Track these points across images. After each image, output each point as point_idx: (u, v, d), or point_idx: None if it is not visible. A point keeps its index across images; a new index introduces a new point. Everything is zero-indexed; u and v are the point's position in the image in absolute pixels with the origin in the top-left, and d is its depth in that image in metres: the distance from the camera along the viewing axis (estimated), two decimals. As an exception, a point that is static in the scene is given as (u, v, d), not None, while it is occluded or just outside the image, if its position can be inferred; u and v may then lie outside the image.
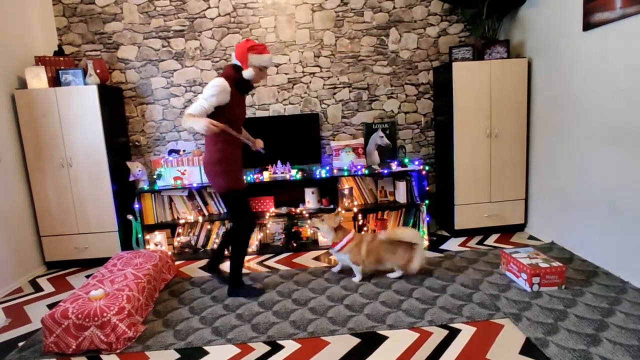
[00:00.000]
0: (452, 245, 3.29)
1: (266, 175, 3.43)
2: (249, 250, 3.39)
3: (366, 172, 3.39)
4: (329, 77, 3.70)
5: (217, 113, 2.32)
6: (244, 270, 3.01)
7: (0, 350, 2.13)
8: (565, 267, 2.42)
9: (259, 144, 2.66)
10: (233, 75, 2.37)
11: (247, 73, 2.35)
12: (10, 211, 2.97)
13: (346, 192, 3.47)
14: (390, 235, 2.66)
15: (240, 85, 2.40)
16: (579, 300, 2.24)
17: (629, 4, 2.28)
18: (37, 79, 3.08)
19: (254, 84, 2.47)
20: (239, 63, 2.36)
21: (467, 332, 2.03)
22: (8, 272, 2.91)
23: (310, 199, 3.49)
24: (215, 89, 2.26)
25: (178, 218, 3.48)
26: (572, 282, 2.46)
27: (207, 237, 3.51)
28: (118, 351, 2.03)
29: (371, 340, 2.01)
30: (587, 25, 2.61)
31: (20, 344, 2.17)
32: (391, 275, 2.72)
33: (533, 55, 3.24)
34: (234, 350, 2.00)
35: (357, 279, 2.69)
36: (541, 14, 3.09)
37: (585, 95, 2.69)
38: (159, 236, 3.40)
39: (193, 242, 3.49)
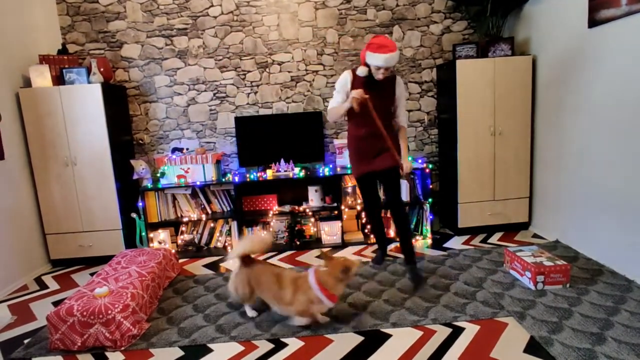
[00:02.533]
0: (456, 243, 3.28)
1: (269, 174, 3.43)
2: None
3: (369, 170, 3.39)
4: (332, 75, 3.70)
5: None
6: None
7: (6, 347, 2.14)
8: (570, 266, 2.41)
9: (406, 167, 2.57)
10: (359, 68, 2.47)
11: (360, 70, 2.44)
12: (15, 209, 2.99)
13: (349, 190, 3.47)
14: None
15: (368, 80, 2.44)
16: (584, 299, 2.23)
17: (634, 0, 2.26)
18: (42, 77, 3.09)
19: (379, 80, 2.43)
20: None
21: (470, 331, 2.02)
22: (13, 269, 2.93)
23: (314, 197, 3.49)
24: (338, 81, 2.54)
25: (181, 216, 3.49)
26: (577, 280, 2.45)
27: (211, 235, 3.52)
28: (123, 348, 2.04)
29: (375, 339, 2.01)
30: (593, 22, 2.59)
31: (26, 341, 2.19)
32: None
33: (537, 52, 3.22)
34: (238, 347, 2.00)
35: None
36: (546, 11, 3.07)
37: (591, 93, 2.68)
38: (162, 234, 3.41)
39: (196, 240, 3.50)
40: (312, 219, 3.53)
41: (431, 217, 3.43)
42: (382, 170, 2.57)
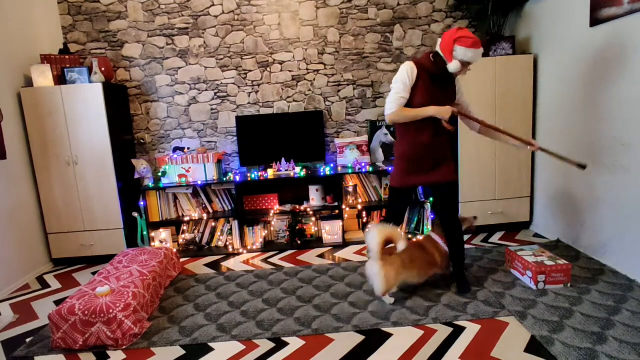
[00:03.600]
0: (457, 242, 3.28)
1: (270, 173, 3.43)
2: (254, 247, 3.40)
3: (370, 169, 3.39)
4: (333, 75, 3.70)
5: (409, 100, 2.24)
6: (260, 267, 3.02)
7: (8, 345, 2.15)
8: (571, 265, 2.41)
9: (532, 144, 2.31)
10: (426, 61, 2.21)
11: (452, 66, 2.14)
12: (17, 209, 3.00)
13: (350, 189, 3.47)
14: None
15: (435, 75, 2.22)
16: (585, 299, 2.23)
17: (637, -1, 2.25)
18: (43, 77, 3.10)
19: (456, 75, 2.24)
20: (441, 52, 2.17)
21: (471, 330, 2.02)
22: (15, 269, 2.94)
23: (315, 196, 3.49)
24: (401, 74, 2.21)
25: (183, 215, 3.49)
26: (578, 280, 2.45)
27: (212, 235, 3.53)
28: (124, 347, 2.05)
29: (376, 338, 2.01)
30: (594, 21, 2.58)
31: (28, 339, 2.20)
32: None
33: (539, 51, 3.21)
34: (239, 347, 2.01)
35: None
36: (547, 10, 3.06)
37: (592, 92, 2.67)
38: (164, 233, 3.42)
39: (198, 240, 3.51)
40: (313, 219, 3.53)
41: (432, 216, 3.43)
42: (439, 184, 2.34)
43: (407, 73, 2.20)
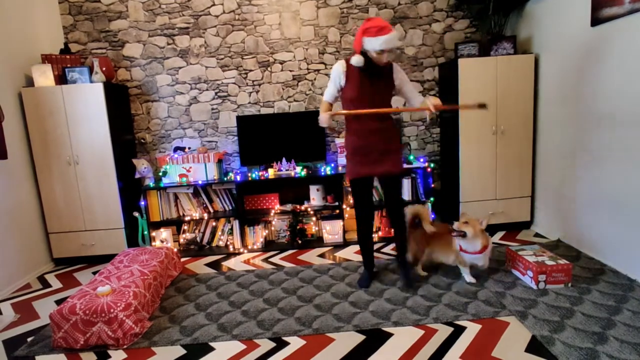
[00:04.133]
0: (458, 242, 3.27)
1: (271, 173, 3.43)
2: (255, 247, 3.40)
3: (371, 169, 3.39)
4: (333, 74, 3.69)
5: (342, 95, 2.38)
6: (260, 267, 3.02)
7: (10, 345, 2.16)
8: (572, 265, 2.40)
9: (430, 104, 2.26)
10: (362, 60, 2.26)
11: (355, 59, 2.22)
12: (18, 208, 3.01)
13: (351, 189, 3.46)
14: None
15: (364, 70, 2.25)
16: (586, 298, 2.23)
17: (638, -2, 2.25)
18: (44, 77, 3.10)
19: (382, 65, 2.26)
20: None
21: (472, 330, 2.02)
22: (16, 268, 2.94)
23: (315, 196, 3.49)
24: (332, 72, 2.36)
25: (183, 215, 3.50)
26: (579, 279, 2.45)
27: (213, 234, 3.53)
28: (125, 347, 2.05)
29: (376, 337, 2.01)
30: (595, 21, 2.58)
31: (29, 339, 2.20)
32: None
33: (540, 51, 3.21)
34: (240, 346, 2.01)
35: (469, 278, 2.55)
36: (548, 10, 3.06)
37: (593, 92, 2.67)
38: (164, 233, 3.42)
39: (198, 239, 3.51)
40: (314, 218, 3.53)
41: (433, 216, 3.43)
42: (385, 175, 2.41)
43: (336, 71, 2.34)
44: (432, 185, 3.44)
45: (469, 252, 2.44)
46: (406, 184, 3.44)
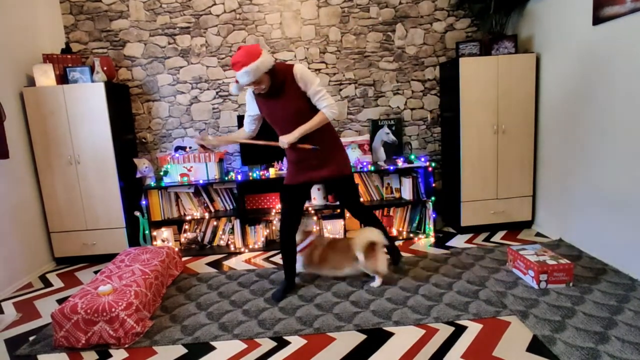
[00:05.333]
0: (459, 242, 3.27)
1: (272, 172, 3.43)
2: (256, 246, 3.40)
3: (372, 168, 3.39)
4: (334, 74, 3.69)
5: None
6: (247, 267, 3.03)
7: (11, 344, 2.16)
8: (573, 265, 2.40)
9: (282, 143, 2.30)
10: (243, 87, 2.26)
11: (232, 88, 2.19)
12: (19, 208, 3.01)
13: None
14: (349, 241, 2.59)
15: (261, 92, 2.22)
16: (587, 298, 2.22)
17: (640, -3, 2.24)
18: (45, 76, 3.11)
19: (264, 92, 2.22)
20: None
21: (473, 329, 2.02)
22: (18, 267, 2.95)
23: (316, 195, 3.49)
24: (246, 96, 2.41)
25: (185, 214, 3.50)
26: (580, 279, 2.44)
27: (214, 234, 3.53)
28: (126, 346, 2.05)
29: (377, 337, 2.01)
30: (597, 20, 2.57)
31: (31, 338, 2.21)
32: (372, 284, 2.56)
33: (541, 50, 3.20)
34: (241, 345, 2.01)
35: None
36: (550, 9, 3.05)
37: (595, 91, 2.66)
38: (165, 232, 3.43)
39: (199, 239, 3.51)
40: (315, 218, 3.53)
41: (434, 215, 3.43)
42: (326, 179, 2.38)
43: (248, 95, 2.39)
44: (433, 185, 3.43)
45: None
46: (407, 183, 3.44)
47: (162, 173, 3.42)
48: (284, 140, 2.25)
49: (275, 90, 2.21)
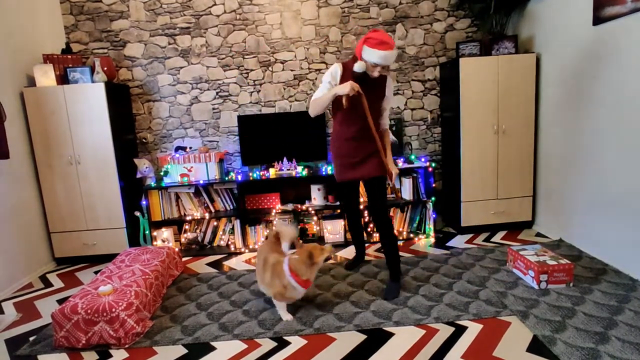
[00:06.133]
0: (459, 242, 3.27)
1: (272, 172, 3.43)
2: (256, 246, 3.40)
3: (372, 168, 3.39)
4: (334, 74, 3.69)
5: (334, 101, 2.34)
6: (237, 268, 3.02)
7: (12, 344, 2.16)
8: (574, 265, 2.40)
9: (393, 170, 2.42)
10: (351, 63, 2.28)
11: (357, 65, 2.20)
12: (20, 208, 3.01)
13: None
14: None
15: (358, 76, 2.23)
16: (588, 298, 2.22)
17: (640, -3, 2.24)
18: (46, 77, 3.11)
19: (372, 77, 2.25)
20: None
21: (473, 330, 2.02)
22: (18, 267, 2.95)
23: (317, 195, 3.49)
24: (326, 74, 2.34)
25: (185, 215, 3.50)
26: (581, 279, 2.44)
27: (214, 234, 3.53)
28: (127, 346, 2.05)
29: (377, 337, 2.01)
30: (597, 20, 2.57)
31: (31, 338, 2.21)
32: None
33: (542, 50, 3.20)
34: (241, 345, 2.01)
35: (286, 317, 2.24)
36: (550, 9, 3.05)
37: (595, 91, 2.66)
38: (166, 232, 3.43)
39: (200, 239, 3.52)
40: (315, 218, 3.53)
41: (434, 215, 3.43)
42: (370, 179, 2.41)
43: (331, 73, 2.33)
44: (434, 185, 3.43)
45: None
46: (407, 183, 3.44)
47: (162, 173, 3.42)
48: (396, 172, 2.41)
49: (373, 80, 2.29)
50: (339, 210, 3.43)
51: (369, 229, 3.44)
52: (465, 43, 3.32)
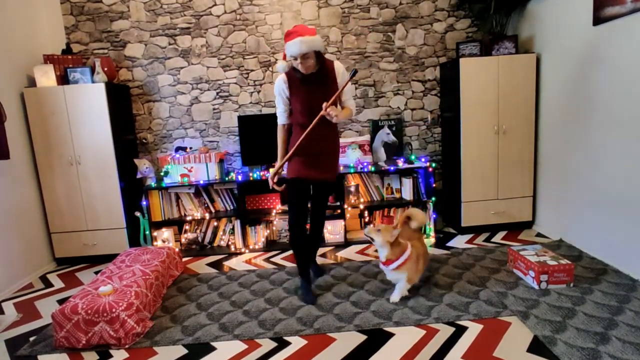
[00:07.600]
0: (459, 242, 3.27)
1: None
2: (256, 246, 3.40)
3: (372, 169, 3.39)
4: (335, 74, 3.69)
5: (291, 109, 2.38)
6: (248, 267, 3.03)
7: (12, 344, 2.16)
8: (574, 265, 2.40)
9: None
10: (292, 69, 2.25)
11: (280, 66, 2.21)
12: (20, 208, 3.01)
13: (352, 189, 3.47)
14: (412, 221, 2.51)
15: (303, 78, 2.22)
16: (588, 299, 2.22)
17: (640, -3, 2.24)
18: (46, 77, 3.11)
19: (307, 72, 2.20)
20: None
21: (474, 330, 2.02)
22: (19, 268, 2.95)
23: (317, 196, 3.48)
24: (275, 89, 2.35)
25: (185, 215, 3.50)
26: (581, 280, 2.44)
27: (214, 234, 3.53)
28: (127, 346, 2.05)
29: (377, 337, 2.01)
30: (597, 20, 2.57)
31: (32, 338, 2.21)
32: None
33: (542, 50, 3.20)
34: (241, 346, 2.01)
35: (396, 297, 2.34)
36: (550, 9, 3.05)
37: (595, 91, 2.66)
38: (166, 233, 3.43)
39: (200, 239, 3.52)
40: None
41: (434, 216, 3.42)
42: (319, 181, 2.40)
43: (278, 87, 2.33)
44: (434, 185, 3.43)
45: (381, 262, 2.32)
46: (407, 183, 3.44)
47: (162, 173, 3.42)
48: (332, 113, 2.15)
49: (319, 77, 2.25)
50: (338, 211, 3.43)
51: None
52: (465, 43, 3.32)
